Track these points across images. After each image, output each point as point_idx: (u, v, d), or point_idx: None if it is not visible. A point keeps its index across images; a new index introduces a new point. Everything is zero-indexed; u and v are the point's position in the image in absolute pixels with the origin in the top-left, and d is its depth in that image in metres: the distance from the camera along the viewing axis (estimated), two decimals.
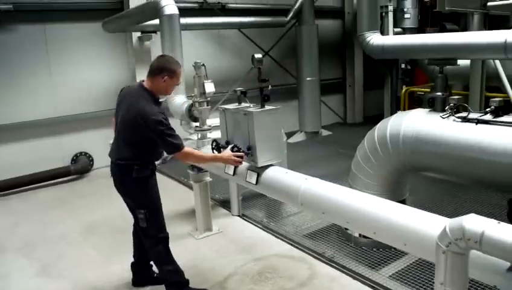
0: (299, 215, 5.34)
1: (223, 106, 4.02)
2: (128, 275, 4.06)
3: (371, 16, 5.02)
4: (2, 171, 6.95)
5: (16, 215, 5.98)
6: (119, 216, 5.45)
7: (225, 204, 5.80)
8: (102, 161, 7.91)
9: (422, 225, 2.26)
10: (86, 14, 7.76)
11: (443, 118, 3.74)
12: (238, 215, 5.50)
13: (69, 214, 5.91)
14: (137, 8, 6.59)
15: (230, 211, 5.59)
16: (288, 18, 9.18)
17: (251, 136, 3.62)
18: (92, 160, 7.98)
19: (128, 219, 3.71)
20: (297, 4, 9.15)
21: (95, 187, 7.13)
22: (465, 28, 7.51)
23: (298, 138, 9.72)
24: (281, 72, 10.27)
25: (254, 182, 3.63)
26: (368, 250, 4.39)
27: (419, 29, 8.34)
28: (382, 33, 9.50)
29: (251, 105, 3.86)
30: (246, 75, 9.03)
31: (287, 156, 6.05)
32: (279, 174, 3.52)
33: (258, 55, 3.79)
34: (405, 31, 9.64)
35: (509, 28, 3.81)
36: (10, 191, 6.89)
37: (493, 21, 6.65)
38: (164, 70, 3.36)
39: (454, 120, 3.66)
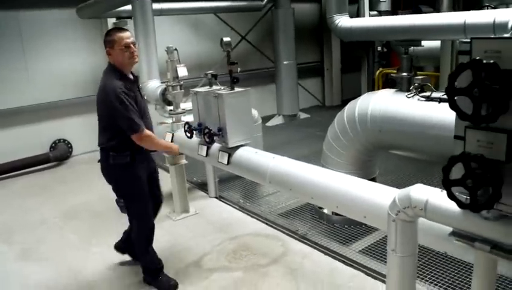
0: (275, 196, 5.49)
1: (194, 89, 4.10)
2: (107, 257, 4.17)
3: (340, 1, 5.11)
4: None
5: None
6: (98, 201, 5.55)
7: (202, 186, 5.91)
8: (81, 147, 7.98)
9: (378, 197, 2.40)
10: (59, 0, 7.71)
11: (408, 97, 3.88)
12: (215, 197, 5.62)
13: (48, 200, 5.96)
14: None
15: (207, 193, 5.71)
16: (264, 2, 9.24)
17: (221, 117, 3.72)
18: (71, 147, 8.00)
19: (107, 203, 3.81)
20: None
21: (75, 173, 7.17)
22: (439, 11, 7.67)
23: (276, 121, 9.84)
24: (259, 56, 10.34)
25: (225, 162, 3.74)
26: (339, 227, 4.55)
27: (393, 12, 8.48)
28: (358, 16, 9.66)
29: (222, 88, 3.95)
30: (222, 59, 9.07)
31: (264, 139, 6.20)
32: (249, 154, 3.64)
33: (227, 39, 3.88)
34: (381, 13, 9.79)
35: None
36: None
37: (467, 3, 6.82)
38: (105, 45, 3.31)
39: (418, 99, 3.81)
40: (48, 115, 7.82)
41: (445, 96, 3.73)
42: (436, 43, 6.25)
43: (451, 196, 1.58)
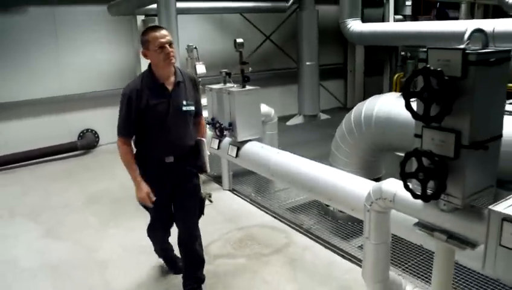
0: (285, 192, 5.70)
1: (209, 86, 4.37)
2: (123, 239, 4.49)
3: (352, 5, 5.30)
4: (13, 145, 7.41)
5: (24, 186, 6.44)
6: (119, 188, 5.90)
7: (218, 179, 6.18)
8: (107, 137, 8.36)
9: (363, 192, 2.61)
10: None
11: (411, 101, 4.04)
12: (229, 190, 5.88)
13: (73, 185, 6.35)
14: None
15: (221, 186, 5.97)
16: (289, 3, 9.44)
17: (232, 113, 3.99)
18: (98, 136, 8.41)
19: (128, 191, 3.58)
20: None
21: (100, 162, 7.56)
22: (458, 17, 7.74)
23: (296, 120, 10.04)
24: (282, 56, 10.55)
25: (234, 155, 4.01)
26: (343, 223, 4.74)
27: (413, 17, 8.56)
28: (383, 19, 9.75)
29: (234, 85, 4.21)
30: (246, 58, 9.34)
31: (283, 137, 6.41)
32: (256, 148, 3.90)
33: (240, 40, 4.13)
34: (405, 18, 9.87)
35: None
36: (20, 164, 7.35)
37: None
38: (141, 45, 3.03)
39: None
40: (77, 106, 8.25)
41: None
42: None
43: (406, 187, 1.78)
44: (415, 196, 1.74)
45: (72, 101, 8.17)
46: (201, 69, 4.95)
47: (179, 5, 7.06)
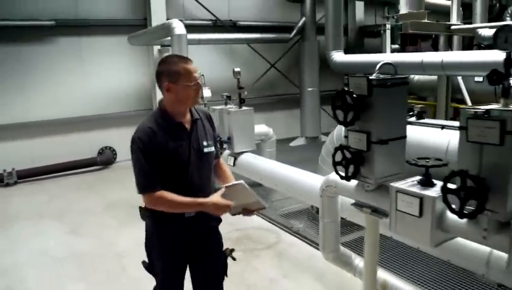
0: (281, 201, 6.41)
1: (213, 107, 5.19)
2: (138, 236, 5.23)
3: (336, 38, 6.12)
4: (40, 159, 8.28)
5: (50, 194, 7.27)
6: (135, 197, 6.62)
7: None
8: (124, 154, 9.14)
9: (317, 183, 3.35)
10: (115, 28, 9.09)
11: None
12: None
13: (93, 195, 7.16)
14: (155, 27, 7.91)
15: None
16: (292, 35, 10.34)
17: (230, 129, 4.78)
18: (116, 153, 9.26)
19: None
20: (300, 22, 10.30)
21: (117, 176, 8.39)
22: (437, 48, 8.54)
23: (299, 142, 10.81)
24: (286, 82, 11.40)
25: (232, 164, 4.78)
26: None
27: (402, 47, 9.35)
28: (381, 49, 10.58)
29: (233, 106, 5.02)
30: (253, 84, 10.26)
31: (286, 156, 7.14)
32: (250, 158, 4.68)
33: (237, 69, 4.96)
34: (401, 47, 10.70)
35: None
36: (46, 176, 8.21)
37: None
38: (162, 75, 2.42)
39: None
40: (98, 125, 9.14)
41: (409, 119, 4.64)
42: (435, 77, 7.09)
43: (336, 172, 2.52)
44: (341, 177, 2.49)
45: (93, 121, 9.06)
46: (207, 93, 5.77)
47: (191, 36, 8.00)
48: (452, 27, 6.85)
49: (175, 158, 2.46)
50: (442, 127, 3.43)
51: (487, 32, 6.88)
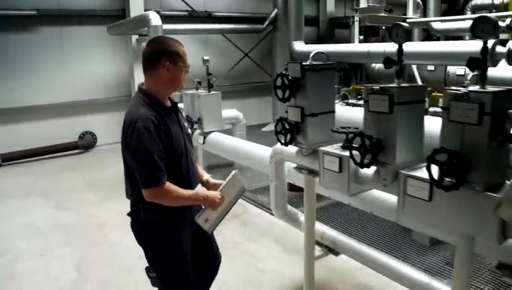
0: (251, 178, 7.00)
1: (185, 91, 5.72)
2: (116, 209, 5.77)
3: (297, 29, 6.71)
4: (24, 143, 8.70)
5: (35, 176, 7.73)
6: (114, 176, 7.17)
7: None
8: (104, 139, 9.68)
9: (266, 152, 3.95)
10: (95, 18, 9.53)
11: (335, 103, 5.41)
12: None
13: (75, 175, 7.64)
14: (133, 18, 8.38)
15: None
16: (265, 25, 10.88)
17: (200, 111, 5.33)
18: (96, 138, 9.72)
19: (121, 178, 2.96)
20: (273, 14, 10.84)
21: (97, 159, 8.87)
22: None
23: (270, 127, 11.40)
24: (259, 71, 11.95)
25: (202, 142, 5.34)
26: (294, 199, 6.03)
27: (365, 38, 9.98)
28: (349, 41, 11.21)
29: (203, 91, 5.57)
30: (228, 72, 10.79)
31: (258, 140, 7.66)
32: (218, 137, 5.25)
33: (206, 57, 5.47)
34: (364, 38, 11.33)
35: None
36: (30, 159, 8.65)
37: None
38: (162, 55, 2.39)
39: (341, 104, 5.34)
40: (79, 111, 9.60)
41: (357, 102, 5.28)
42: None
43: (278, 140, 3.11)
44: (281, 143, 3.08)
45: (74, 107, 9.51)
46: None
47: (168, 26, 8.49)
48: (407, 20, 7.50)
49: (176, 144, 2.46)
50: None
51: (439, 25, 7.56)
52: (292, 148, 3.24)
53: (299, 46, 6.39)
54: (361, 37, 11.07)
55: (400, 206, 2.38)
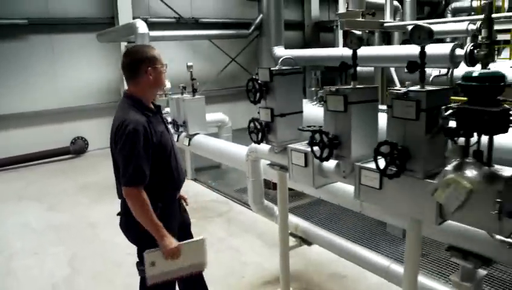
0: (236, 179, 7.28)
1: (171, 96, 6.00)
2: (107, 211, 6.02)
3: (277, 35, 7.02)
4: (16, 149, 8.90)
5: (27, 180, 7.96)
6: (105, 180, 7.39)
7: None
8: (96, 144, 9.91)
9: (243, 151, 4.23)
10: (84, 26, 9.78)
11: (313, 104, 5.71)
12: (192, 179, 7.47)
13: (67, 179, 7.88)
14: (121, 26, 8.69)
15: (186, 176, 7.55)
16: (250, 31, 11.16)
17: (185, 114, 5.61)
18: (87, 143, 9.95)
19: (112, 182, 2.92)
20: (258, 19, 11.06)
21: (89, 163, 9.11)
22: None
23: None
24: (246, 75, 12.22)
25: (187, 144, 5.61)
26: (275, 197, 6.31)
27: (344, 41, 10.28)
28: (333, 45, 11.51)
29: (188, 95, 5.85)
30: (215, 77, 11.07)
31: (248, 142, 8.01)
32: (202, 139, 5.53)
33: (190, 63, 5.75)
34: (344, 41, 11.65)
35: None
36: (22, 164, 8.87)
37: None
38: (141, 62, 2.59)
39: (318, 105, 5.63)
40: (70, 117, 9.84)
41: None
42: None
43: (251, 138, 3.39)
44: (254, 141, 3.36)
45: (65, 113, 9.75)
46: (167, 84, 6.57)
47: (156, 33, 8.79)
48: (385, 24, 7.82)
49: (165, 144, 2.67)
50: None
51: None
52: (266, 147, 3.53)
53: (279, 51, 6.72)
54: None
55: (357, 195, 2.66)
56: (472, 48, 4.20)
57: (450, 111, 2.18)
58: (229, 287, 4.10)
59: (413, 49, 6.05)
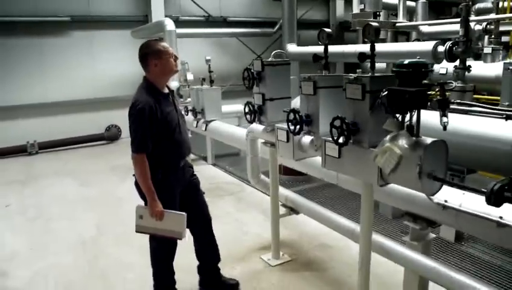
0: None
1: (192, 86, 6.69)
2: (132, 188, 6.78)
3: (290, 33, 7.60)
4: (57, 133, 9.85)
5: (65, 161, 8.88)
6: None
7: (204, 158, 8.47)
8: (128, 132, 10.71)
9: (242, 132, 4.84)
10: (121, 24, 10.65)
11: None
12: (211, 164, 8.16)
13: (100, 161, 8.73)
14: (151, 24, 9.50)
15: (206, 162, 8.26)
16: (275, 29, 11.78)
17: (203, 102, 6.29)
18: (120, 131, 10.81)
19: None
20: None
21: (120, 149, 9.92)
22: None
23: None
24: None
25: (204, 129, 6.29)
26: (286, 181, 6.88)
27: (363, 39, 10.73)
28: (356, 42, 11.88)
29: (207, 86, 6.52)
30: (240, 72, 11.70)
31: None
32: (217, 124, 6.19)
33: (208, 57, 6.39)
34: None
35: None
36: (62, 148, 9.82)
37: None
38: (148, 55, 3.15)
39: None
40: (105, 106, 10.72)
41: None
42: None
43: (246, 119, 4.01)
44: (248, 121, 3.98)
45: (102, 102, 10.65)
46: (190, 76, 7.29)
47: (184, 30, 9.53)
48: (397, 24, 8.28)
49: (170, 121, 3.18)
50: None
51: (426, 28, 8.31)
52: (261, 127, 4.14)
53: (292, 48, 7.30)
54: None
55: (323, 164, 3.23)
56: (451, 45, 4.65)
57: (385, 92, 2.73)
58: (229, 251, 4.68)
59: (418, 46, 6.53)
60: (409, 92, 2.53)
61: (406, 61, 2.62)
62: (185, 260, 3.76)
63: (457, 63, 4.55)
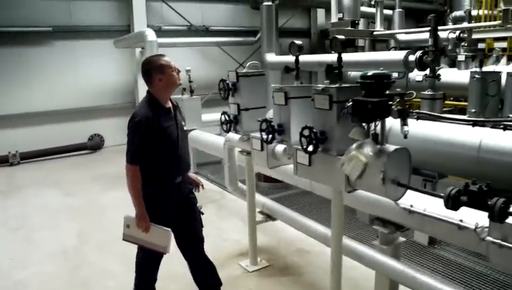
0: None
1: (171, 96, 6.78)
2: (117, 196, 6.82)
3: (269, 43, 7.76)
4: (39, 143, 9.84)
5: (47, 171, 8.88)
6: (117, 171, 8.20)
7: None
8: (111, 141, 10.79)
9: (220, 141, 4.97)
10: (103, 33, 10.72)
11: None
12: (194, 173, 8.18)
13: (83, 171, 8.76)
14: (133, 34, 9.60)
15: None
16: (257, 38, 11.93)
17: (184, 112, 6.36)
18: (103, 140, 10.85)
19: (122, 173, 3.28)
20: None
21: (103, 158, 10.00)
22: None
23: None
24: None
25: None
26: (267, 188, 7.00)
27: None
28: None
29: (188, 96, 6.63)
30: None
31: None
32: (199, 134, 6.30)
33: (188, 68, 6.50)
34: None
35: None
36: (44, 157, 9.80)
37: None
38: (152, 71, 3.17)
39: None
40: (88, 115, 10.77)
41: None
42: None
43: (222, 129, 4.12)
44: (224, 130, 4.09)
45: (84, 112, 10.69)
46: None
47: (166, 40, 9.63)
48: (374, 32, 8.48)
49: (169, 135, 3.19)
50: None
51: (403, 36, 8.52)
52: (237, 136, 4.25)
53: (270, 57, 7.46)
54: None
55: (295, 171, 3.34)
56: (421, 54, 4.82)
57: (350, 103, 2.87)
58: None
59: (390, 55, 6.70)
60: (371, 102, 2.66)
61: (370, 73, 2.75)
62: (168, 268, 3.81)
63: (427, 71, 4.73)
